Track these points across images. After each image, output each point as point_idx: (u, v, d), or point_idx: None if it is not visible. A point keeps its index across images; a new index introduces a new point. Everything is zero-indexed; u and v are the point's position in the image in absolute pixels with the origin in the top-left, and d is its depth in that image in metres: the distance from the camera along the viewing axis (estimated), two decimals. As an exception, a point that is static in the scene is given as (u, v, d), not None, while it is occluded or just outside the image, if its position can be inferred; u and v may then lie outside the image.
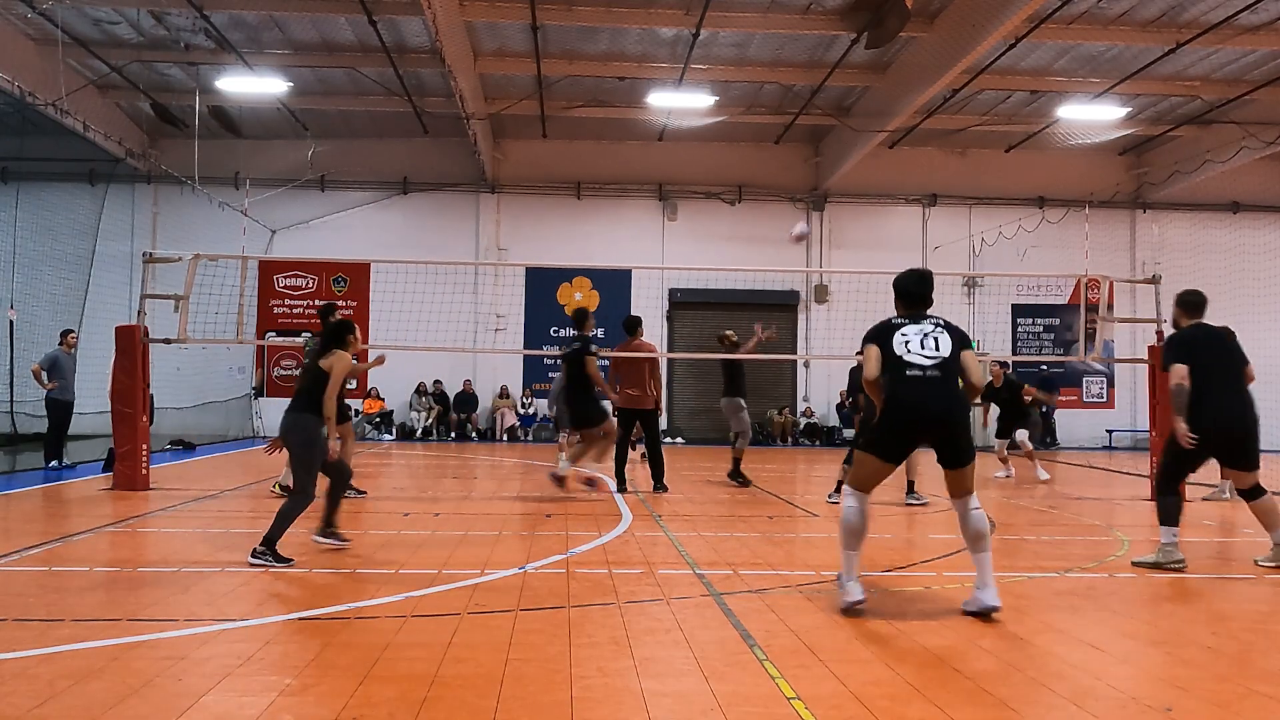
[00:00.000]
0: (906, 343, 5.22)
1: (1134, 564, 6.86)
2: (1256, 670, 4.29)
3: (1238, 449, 6.92)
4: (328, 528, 6.81)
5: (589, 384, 10.27)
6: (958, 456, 5.14)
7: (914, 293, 5.48)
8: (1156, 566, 6.70)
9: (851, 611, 5.08)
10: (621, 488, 10.91)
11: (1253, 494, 6.97)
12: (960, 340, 5.29)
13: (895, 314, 5.48)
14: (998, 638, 4.71)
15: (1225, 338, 7.11)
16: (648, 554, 7.00)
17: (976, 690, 3.88)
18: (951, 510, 9.45)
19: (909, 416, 5.14)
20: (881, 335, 5.33)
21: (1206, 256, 21.90)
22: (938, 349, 5.18)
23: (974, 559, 5.14)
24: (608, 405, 10.69)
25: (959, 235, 23.12)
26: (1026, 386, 14.28)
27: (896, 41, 16.28)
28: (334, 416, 6.53)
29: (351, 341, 6.83)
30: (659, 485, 11.08)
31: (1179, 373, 6.73)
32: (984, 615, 5.03)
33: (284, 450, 6.71)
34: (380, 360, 9.45)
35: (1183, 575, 6.61)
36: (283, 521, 6.30)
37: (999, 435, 14.12)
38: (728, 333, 12.42)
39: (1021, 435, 13.98)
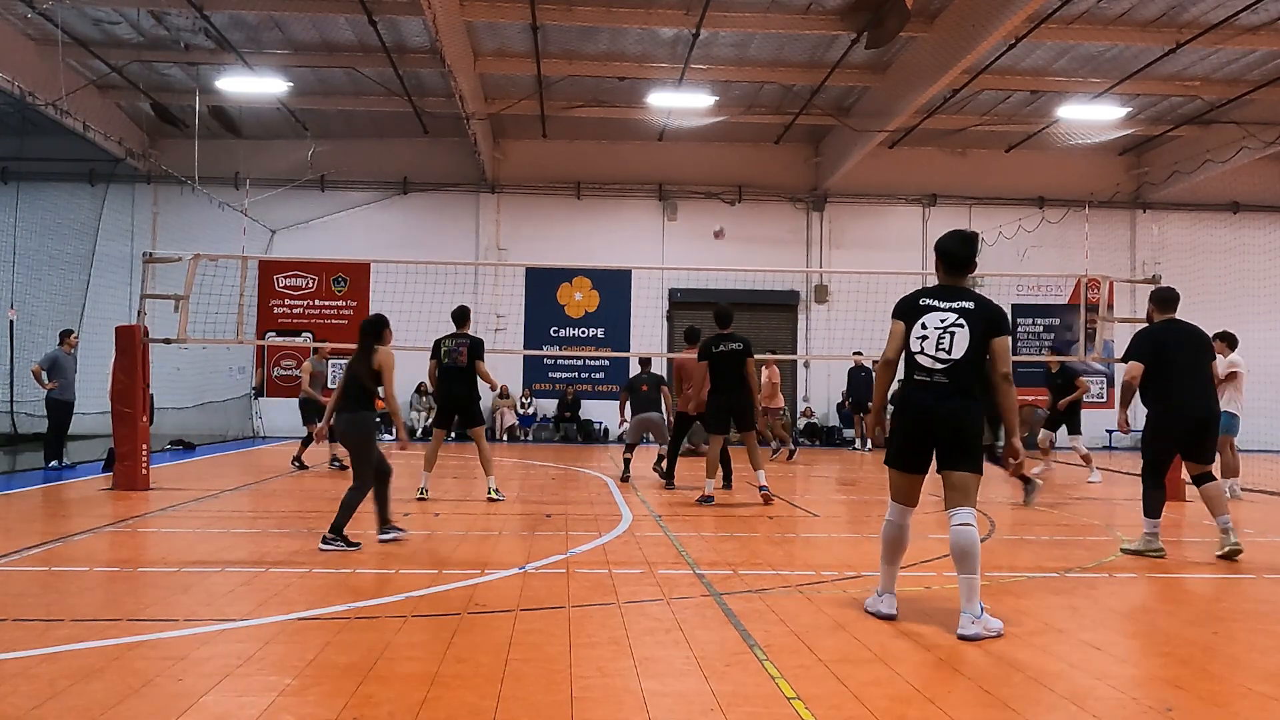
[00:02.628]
0: (924, 337, 4.91)
1: (1122, 550, 7.33)
2: (1256, 670, 4.29)
3: (1199, 442, 7.20)
4: (385, 524, 7.31)
5: (747, 384, 10.23)
6: (957, 460, 4.87)
7: (958, 254, 5.05)
8: (1139, 554, 7.18)
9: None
10: (670, 484, 11.62)
11: (1202, 480, 7.25)
12: (989, 328, 4.86)
13: (929, 285, 5.13)
14: (998, 638, 4.71)
15: (1195, 334, 7.40)
16: (648, 554, 7.01)
17: (976, 690, 3.89)
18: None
19: (914, 424, 4.95)
20: (908, 313, 5.01)
21: (1206, 256, 21.92)
22: (951, 350, 4.83)
23: (960, 583, 4.78)
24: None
25: (959, 235, 23.08)
26: (1079, 380, 13.61)
27: (896, 41, 16.28)
28: (399, 410, 7.33)
29: (388, 336, 7.63)
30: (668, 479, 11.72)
31: (1133, 370, 7.24)
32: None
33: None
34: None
35: (1183, 575, 6.62)
36: (347, 510, 6.93)
37: (1049, 426, 13.65)
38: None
39: (1045, 435, 13.56)
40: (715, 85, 19.05)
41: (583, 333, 22.90)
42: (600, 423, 22.76)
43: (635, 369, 23.80)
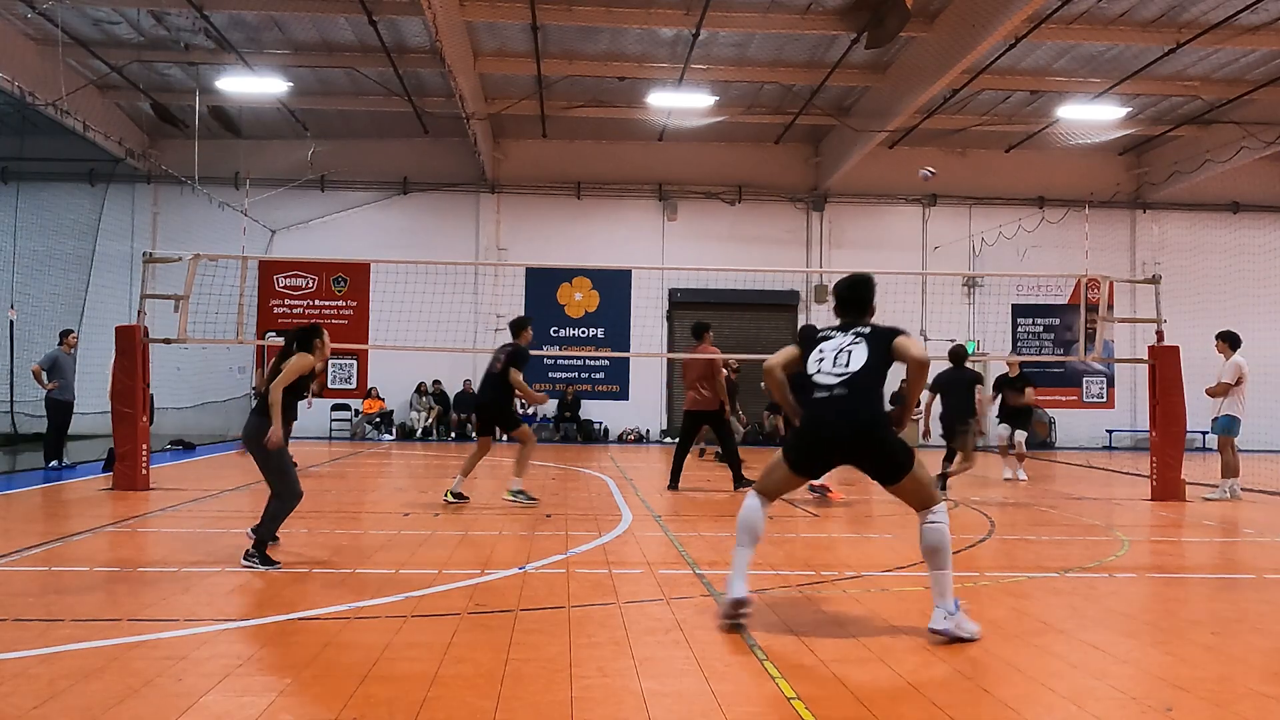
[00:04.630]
0: (820, 359, 4.90)
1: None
2: (1256, 670, 4.29)
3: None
4: (259, 546, 6.28)
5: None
6: (887, 473, 4.72)
7: (845, 298, 5.15)
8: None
9: (731, 615, 4.73)
10: (673, 485, 11.46)
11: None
12: (885, 340, 4.84)
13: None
14: (998, 638, 4.71)
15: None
16: (648, 554, 7.01)
17: (977, 690, 3.88)
18: (952, 509, 9.44)
19: (815, 438, 4.85)
20: (804, 342, 5.10)
21: (1206, 256, 21.93)
22: (849, 364, 4.80)
23: (932, 579, 4.66)
24: None
25: (959, 235, 23.12)
26: (1029, 390, 13.83)
27: (896, 41, 16.28)
28: (278, 405, 6.29)
29: (319, 345, 6.63)
30: (739, 482, 11.23)
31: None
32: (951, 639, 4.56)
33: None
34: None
35: (1183, 575, 6.61)
36: (271, 522, 6.33)
37: (1002, 419, 13.78)
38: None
39: (1020, 436, 13.73)
40: (715, 85, 19.05)
41: (583, 333, 22.90)
42: (600, 423, 22.78)
43: (635, 369, 23.83)
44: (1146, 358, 11.76)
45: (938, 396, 11.67)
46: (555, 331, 22.86)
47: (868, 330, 4.94)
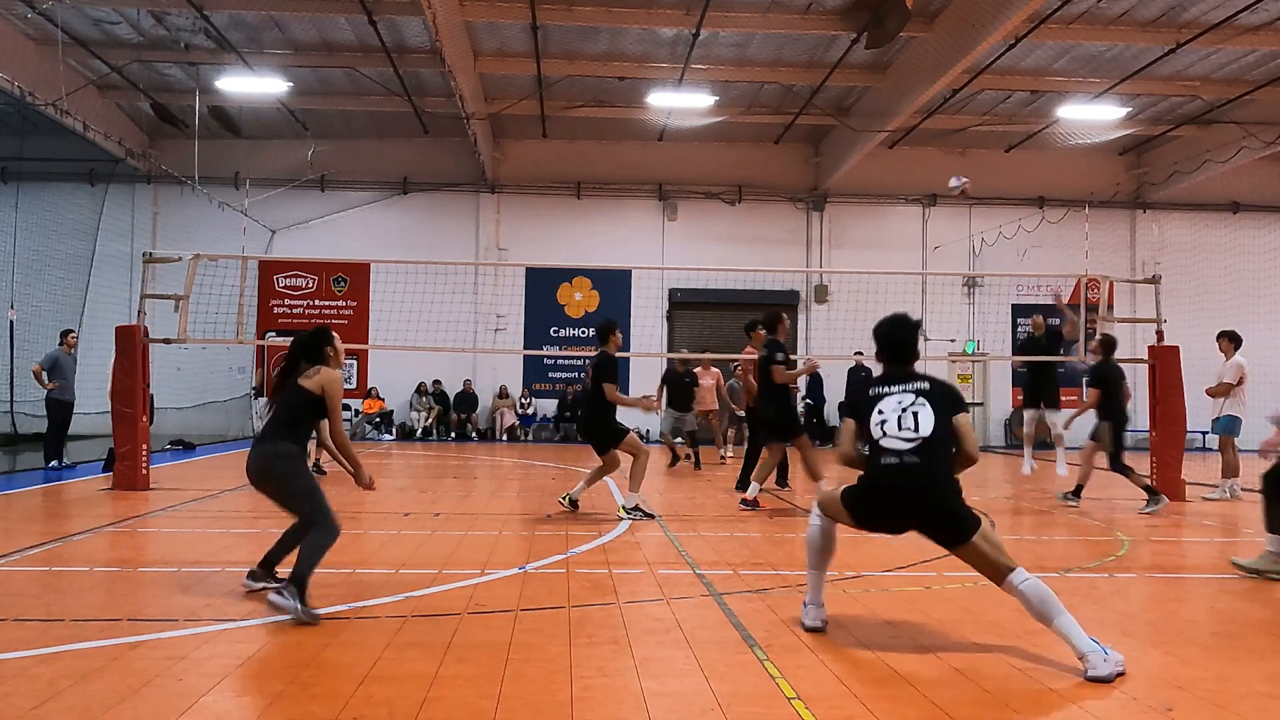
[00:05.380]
0: (883, 421, 4.58)
1: (1234, 563, 6.53)
2: (1256, 670, 4.29)
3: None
4: (268, 570, 5.47)
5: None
6: (953, 536, 4.42)
7: (900, 341, 4.84)
8: (1259, 574, 6.35)
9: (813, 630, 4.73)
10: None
11: None
12: (949, 405, 4.62)
13: (876, 373, 4.91)
14: (998, 638, 4.71)
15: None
16: (648, 554, 7.01)
17: (977, 690, 3.88)
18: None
19: (887, 507, 4.56)
20: (859, 409, 4.76)
21: (1206, 256, 21.92)
22: (917, 428, 4.51)
23: (1057, 632, 4.21)
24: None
25: (959, 235, 23.11)
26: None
27: (896, 41, 16.28)
28: (351, 451, 5.51)
29: (331, 354, 5.56)
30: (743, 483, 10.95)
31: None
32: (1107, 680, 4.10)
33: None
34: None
35: (1183, 575, 6.61)
36: (310, 557, 5.06)
37: (1029, 405, 12.49)
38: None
39: (1057, 418, 12.08)
40: (715, 85, 19.05)
41: (583, 333, 22.88)
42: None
43: (635, 369, 23.83)
44: (1146, 358, 11.75)
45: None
46: (555, 331, 22.86)
47: (928, 387, 4.65)
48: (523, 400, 22.86)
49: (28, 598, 5.37)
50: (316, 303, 22.68)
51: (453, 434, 22.25)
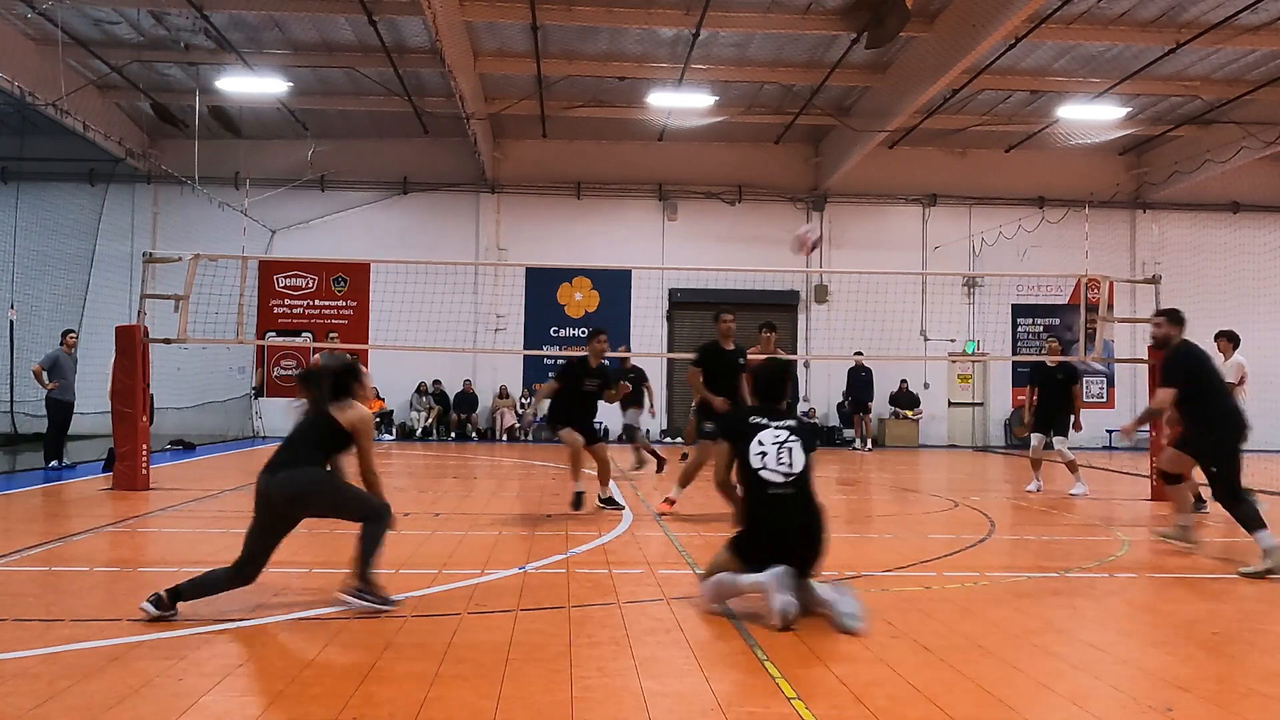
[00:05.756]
0: (763, 454, 5.08)
1: (1240, 573, 6.49)
2: (1256, 670, 4.29)
3: None
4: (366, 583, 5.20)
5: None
6: (813, 565, 5.07)
7: (772, 381, 5.47)
8: (1171, 539, 7.28)
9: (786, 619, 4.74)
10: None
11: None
12: (811, 441, 5.23)
13: (751, 405, 5.52)
14: (998, 638, 4.71)
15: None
16: (648, 554, 7.01)
17: (977, 690, 3.88)
18: (952, 509, 9.42)
19: (781, 541, 4.98)
20: (737, 433, 5.22)
21: (1206, 256, 21.92)
22: (792, 464, 5.07)
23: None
24: None
25: (959, 235, 23.12)
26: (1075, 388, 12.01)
27: (896, 41, 16.28)
28: (380, 487, 5.49)
29: (359, 389, 5.41)
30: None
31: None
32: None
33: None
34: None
35: (1183, 575, 6.61)
36: (370, 548, 5.20)
37: (1038, 429, 12.09)
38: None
39: (1061, 443, 11.85)
40: (715, 85, 19.06)
41: (583, 333, 22.86)
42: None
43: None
44: (1146, 358, 11.75)
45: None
46: (555, 331, 22.87)
47: (795, 425, 5.24)
48: (523, 400, 22.86)
49: (28, 598, 5.37)
50: (316, 303, 22.68)
51: (453, 434, 22.25)
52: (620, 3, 15.92)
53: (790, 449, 5.10)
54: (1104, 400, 23.67)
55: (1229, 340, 11.29)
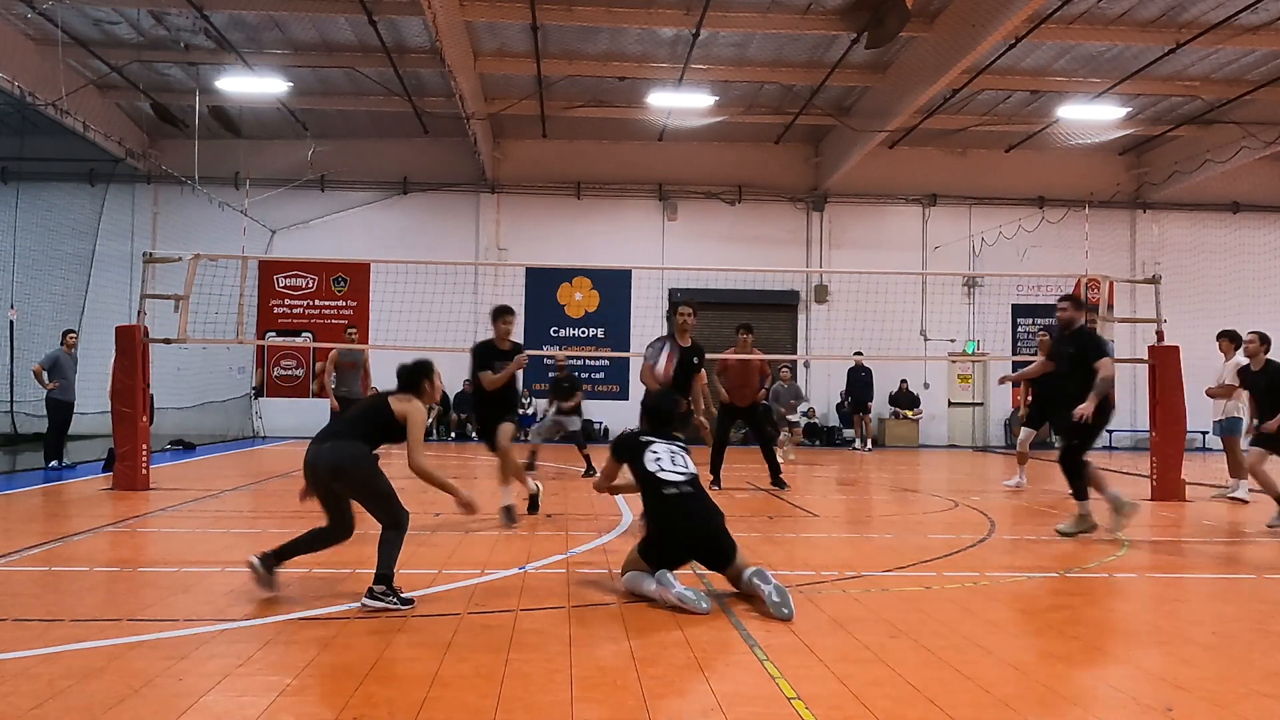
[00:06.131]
0: (658, 459, 5.58)
1: (1058, 531, 8.05)
2: (1256, 670, 4.29)
3: None
4: (277, 559, 5.37)
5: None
6: (725, 556, 5.36)
7: (663, 411, 6.10)
8: (1073, 534, 7.96)
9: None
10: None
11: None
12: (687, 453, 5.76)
13: (640, 428, 6.04)
14: (998, 638, 4.71)
15: None
16: (648, 554, 6.99)
17: (977, 690, 3.88)
18: (953, 509, 9.43)
19: (682, 537, 5.39)
20: (630, 451, 5.74)
21: (1206, 256, 21.94)
22: (687, 466, 5.60)
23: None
24: None
25: (959, 235, 23.12)
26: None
27: (896, 41, 16.28)
28: (433, 476, 5.63)
29: (428, 390, 5.64)
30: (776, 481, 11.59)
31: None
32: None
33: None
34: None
35: (1183, 575, 6.61)
36: (389, 552, 5.27)
37: (1031, 424, 12.20)
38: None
39: (1029, 435, 12.13)
40: (715, 85, 19.06)
41: (583, 333, 22.90)
42: (600, 422, 22.76)
43: (635, 369, 23.86)
44: (1146, 358, 11.75)
45: None
46: (555, 331, 22.87)
47: (684, 441, 5.88)
48: (523, 400, 22.84)
49: (28, 598, 5.36)
50: (316, 303, 22.68)
51: (453, 434, 22.24)
52: (620, 3, 15.92)
53: (682, 455, 5.65)
54: (1104, 400, 23.65)
55: (1230, 341, 11.28)
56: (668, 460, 5.57)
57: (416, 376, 5.62)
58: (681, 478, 5.50)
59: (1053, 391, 11.52)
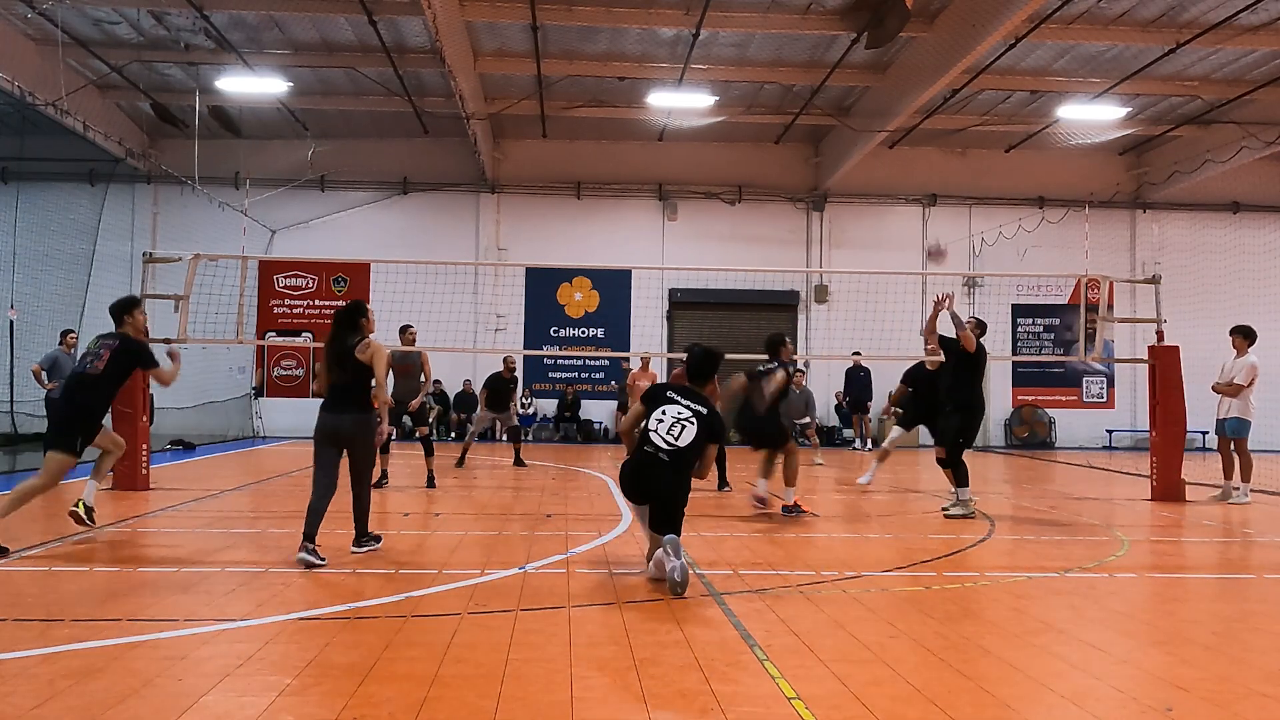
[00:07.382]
0: (660, 422, 5.96)
1: (945, 514, 9.08)
2: (1256, 670, 4.29)
3: None
4: (362, 537, 6.84)
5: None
6: (660, 526, 5.79)
7: (704, 364, 6.43)
8: (958, 517, 8.98)
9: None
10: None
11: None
12: (709, 434, 5.99)
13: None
14: (998, 638, 4.71)
15: None
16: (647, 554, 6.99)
17: (977, 690, 3.88)
18: (952, 510, 9.43)
19: (638, 485, 5.97)
20: (653, 400, 6.13)
21: (1206, 256, 21.93)
22: (678, 440, 5.90)
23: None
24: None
25: (959, 235, 23.12)
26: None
27: (896, 41, 16.28)
28: (384, 404, 6.90)
29: (364, 325, 6.74)
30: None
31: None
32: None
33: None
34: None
35: (1183, 575, 6.61)
36: (363, 510, 6.77)
37: (905, 424, 12.13)
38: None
39: (899, 434, 12.14)
40: (715, 85, 19.05)
41: (583, 333, 22.90)
42: (600, 422, 22.78)
43: (634, 369, 23.92)
44: (1146, 358, 11.75)
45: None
46: (555, 331, 22.86)
47: (705, 413, 6.03)
48: (523, 400, 22.85)
49: (28, 598, 5.36)
50: (316, 303, 22.66)
51: (453, 434, 22.24)
52: (620, 3, 15.92)
53: (684, 428, 5.93)
54: (1104, 400, 23.68)
55: (1244, 337, 11.06)
56: (667, 426, 5.94)
57: (354, 317, 6.69)
58: (666, 447, 5.88)
59: (930, 396, 11.38)
